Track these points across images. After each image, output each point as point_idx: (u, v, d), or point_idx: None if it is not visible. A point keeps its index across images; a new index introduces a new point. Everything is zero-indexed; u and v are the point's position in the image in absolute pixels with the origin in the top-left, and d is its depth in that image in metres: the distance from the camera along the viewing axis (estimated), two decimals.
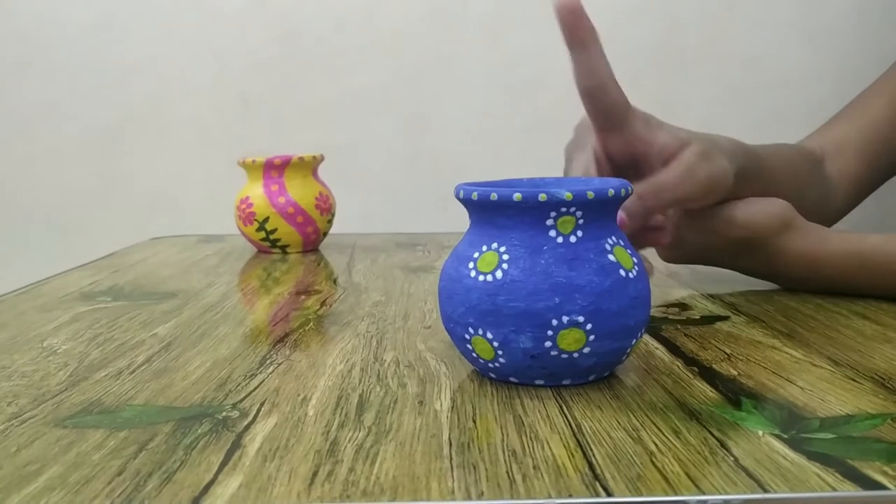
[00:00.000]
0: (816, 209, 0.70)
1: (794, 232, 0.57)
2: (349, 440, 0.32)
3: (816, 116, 1.05)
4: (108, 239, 1.03)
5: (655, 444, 0.31)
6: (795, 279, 0.59)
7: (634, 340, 0.39)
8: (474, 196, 0.38)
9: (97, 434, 0.34)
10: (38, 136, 1.12)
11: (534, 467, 0.29)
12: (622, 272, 0.38)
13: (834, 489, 0.27)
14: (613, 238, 0.39)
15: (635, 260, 0.39)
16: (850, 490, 0.27)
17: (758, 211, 0.57)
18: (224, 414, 0.36)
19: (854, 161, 0.72)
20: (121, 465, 0.30)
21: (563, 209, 0.37)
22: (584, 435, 0.33)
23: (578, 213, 0.37)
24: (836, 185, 0.72)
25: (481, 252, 0.38)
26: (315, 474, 0.29)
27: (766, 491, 0.27)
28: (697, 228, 0.58)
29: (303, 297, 0.63)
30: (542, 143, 1.11)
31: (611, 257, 0.38)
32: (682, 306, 0.57)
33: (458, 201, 0.40)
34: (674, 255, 0.62)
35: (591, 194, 0.37)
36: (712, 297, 0.59)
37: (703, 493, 0.27)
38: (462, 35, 1.07)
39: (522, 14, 1.06)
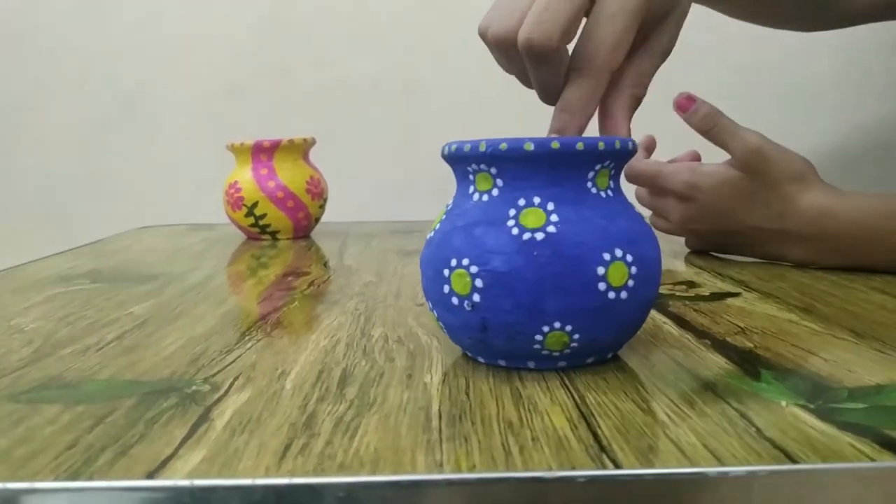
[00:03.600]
0: (813, 15, 0.69)
1: (809, 184, 0.55)
2: (328, 413, 0.29)
3: (818, 104, 1.03)
4: (96, 230, 1.01)
5: (668, 416, 0.28)
6: (808, 238, 0.56)
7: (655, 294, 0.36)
8: (529, 147, 0.32)
9: (52, 409, 0.31)
10: (22, 125, 1.09)
11: (532, 439, 0.26)
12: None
13: (872, 459, 0.24)
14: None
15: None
16: (890, 460, 0.24)
17: (776, 150, 0.56)
18: (194, 388, 0.33)
19: None
20: (72, 440, 0.27)
21: (599, 165, 0.33)
22: (587, 406, 0.29)
23: (612, 167, 0.34)
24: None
25: (519, 209, 0.33)
26: (287, 448, 0.26)
27: (795, 462, 0.24)
28: (715, 169, 0.59)
29: (290, 278, 0.60)
30: (540, 130, 1.08)
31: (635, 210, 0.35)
32: (690, 283, 0.53)
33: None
34: (689, 211, 0.61)
35: (618, 143, 0.33)
36: (721, 275, 0.56)
37: (724, 465, 0.24)
38: (457, 20, 1.04)
39: None
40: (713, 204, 0.59)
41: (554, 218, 0.32)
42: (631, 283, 0.32)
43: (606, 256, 0.32)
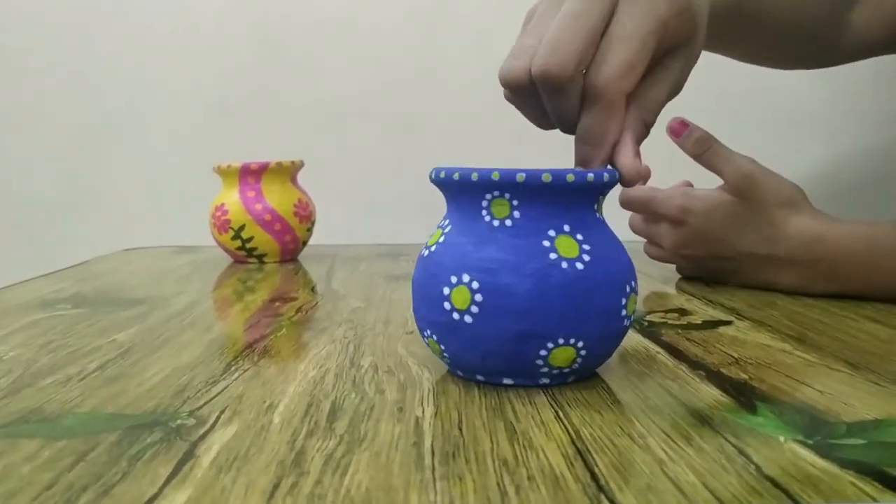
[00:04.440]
0: (817, 53, 0.69)
1: (800, 210, 0.56)
2: (318, 450, 0.29)
3: (804, 133, 1.03)
4: (81, 250, 0.99)
5: (665, 452, 0.28)
6: (799, 264, 0.56)
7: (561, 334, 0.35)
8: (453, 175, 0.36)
9: (31, 444, 0.30)
10: (6, 143, 1.08)
11: (528, 478, 0.26)
12: (553, 256, 0.34)
13: (874, 500, 0.23)
14: (566, 227, 0.35)
15: (586, 247, 0.35)
16: (893, 501, 0.23)
17: (768, 175, 0.57)
18: (178, 422, 0.32)
19: (888, 21, 0.67)
20: (52, 478, 0.26)
21: (496, 192, 0.35)
22: (583, 442, 0.29)
23: (510, 197, 0.35)
24: (854, 36, 0.68)
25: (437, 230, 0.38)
26: (276, 487, 0.25)
27: (797, 502, 0.23)
28: (708, 193, 0.59)
29: (277, 303, 0.59)
30: (529, 151, 1.07)
31: (546, 243, 0.34)
32: (682, 311, 0.53)
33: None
34: (682, 235, 0.60)
35: (521, 177, 0.34)
36: (712, 302, 0.56)
37: None
38: (447, 41, 1.05)
39: (509, 19, 1.04)
40: (705, 228, 0.59)
41: (442, 240, 0.37)
42: (475, 308, 0.34)
43: (454, 279, 0.35)
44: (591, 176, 0.35)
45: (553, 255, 0.34)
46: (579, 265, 0.34)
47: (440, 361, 0.40)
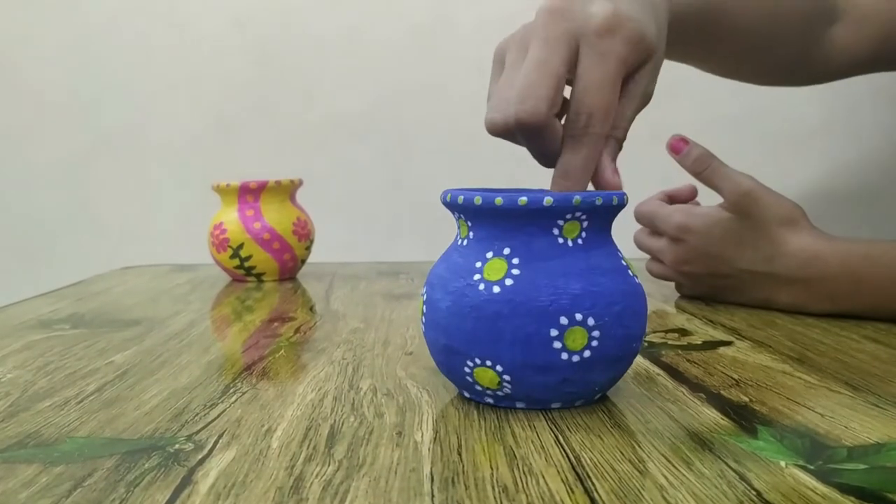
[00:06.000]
0: (796, 68, 0.68)
1: (799, 228, 0.56)
2: (316, 475, 0.28)
3: (804, 149, 1.04)
4: (78, 269, 0.99)
5: (665, 477, 0.28)
6: (797, 282, 0.56)
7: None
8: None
9: (29, 470, 0.30)
10: (6, 161, 1.08)
11: None
12: (476, 277, 0.35)
13: None
14: (506, 250, 0.35)
15: (516, 272, 0.35)
16: None
17: (767, 193, 0.57)
18: (176, 447, 0.32)
19: (870, 37, 0.66)
20: None
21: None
22: (583, 467, 0.29)
23: (465, 218, 0.37)
24: (836, 52, 0.67)
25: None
26: None
27: None
28: (707, 211, 0.59)
29: (276, 324, 0.59)
30: (528, 170, 1.08)
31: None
32: (682, 331, 0.53)
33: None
34: (681, 252, 0.61)
35: (461, 199, 0.36)
36: (712, 322, 0.56)
37: None
38: (446, 58, 1.05)
39: None
40: (704, 246, 0.59)
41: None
42: (424, 319, 0.38)
43: (422, 290, 0.37)
44: (548, 199, 0.33)
45: (476, 276, 0.35)
46: (496, 288, 0.34)
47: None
